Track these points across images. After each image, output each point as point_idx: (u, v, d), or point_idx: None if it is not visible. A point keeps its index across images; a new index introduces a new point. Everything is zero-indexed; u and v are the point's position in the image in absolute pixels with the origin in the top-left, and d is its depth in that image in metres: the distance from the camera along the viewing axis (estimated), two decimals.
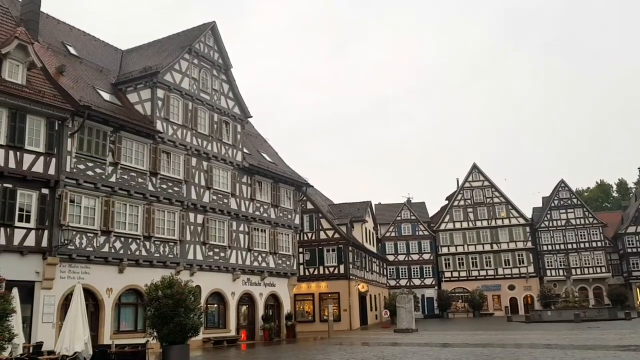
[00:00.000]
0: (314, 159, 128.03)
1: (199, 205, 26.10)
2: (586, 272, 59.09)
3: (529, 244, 60.67)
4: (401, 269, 63.08)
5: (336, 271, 40.37)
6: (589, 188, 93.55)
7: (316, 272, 40.63)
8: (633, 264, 59.69)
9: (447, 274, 62.26)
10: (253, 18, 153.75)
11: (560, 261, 59.50)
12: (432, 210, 72.56)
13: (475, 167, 64.35)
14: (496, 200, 62.77)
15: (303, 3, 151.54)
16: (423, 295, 61.01)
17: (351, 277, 40.85)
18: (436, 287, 61.91)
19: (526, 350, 18.32)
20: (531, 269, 59.60)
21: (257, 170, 30.19)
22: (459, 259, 62.37)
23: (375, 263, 51.87)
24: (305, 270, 40.48)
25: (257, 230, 30.24)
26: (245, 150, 30.04)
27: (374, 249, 52.96)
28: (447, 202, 66.21)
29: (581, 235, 60.58)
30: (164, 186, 24.30)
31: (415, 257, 63.34)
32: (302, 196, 35.62)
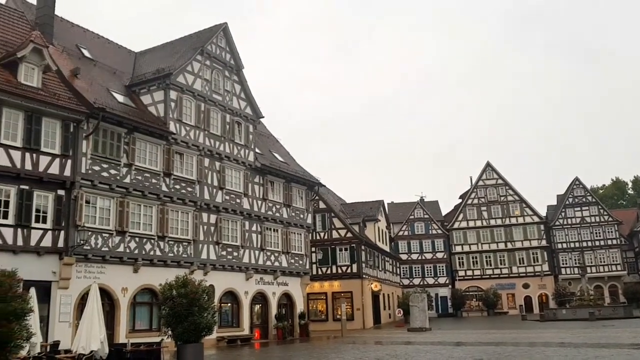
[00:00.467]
0: (322, 159, 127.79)
1: (212, 205, 26.30)
2: (601, 270, 58.63)
3: (544, 242, 60.24)
4: (414, 268, 62.90)
5: (349, 270, 40.39)
6: (604, 185, 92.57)
7: (329, 272, 40.72)
8: None
9: (461, 273, 62.04)
10: (253, 19, 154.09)
11: (575, 259, 59.09)
12: (446, 209, 72.51)
13: (489, 166, 64.04)
14: (510, 198, 62.43)
15: (303, 4, 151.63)
16: (437, 294, 60.82)
17: (364, 276, 40.86)
18: (450, 286, 61.64)
19: (539, 348, 18.25)
20: (546, 267, 59.17)
21: (269, 170, 30.33)
22: (473, 258, 62.11)
23: (388, 262, 51.85)
24: (318, 269, 40.56)
25: (270, 229, 30.38)
26: (257, 150, 30.18)
27: (387, 248, 52.90)
28: (461, 201, 65.99)
29: (596, 233, 60.08)
30: (178, 186, 24.54)
31: (428, 256, 63.13)
32: (314, 195, 35.73)
